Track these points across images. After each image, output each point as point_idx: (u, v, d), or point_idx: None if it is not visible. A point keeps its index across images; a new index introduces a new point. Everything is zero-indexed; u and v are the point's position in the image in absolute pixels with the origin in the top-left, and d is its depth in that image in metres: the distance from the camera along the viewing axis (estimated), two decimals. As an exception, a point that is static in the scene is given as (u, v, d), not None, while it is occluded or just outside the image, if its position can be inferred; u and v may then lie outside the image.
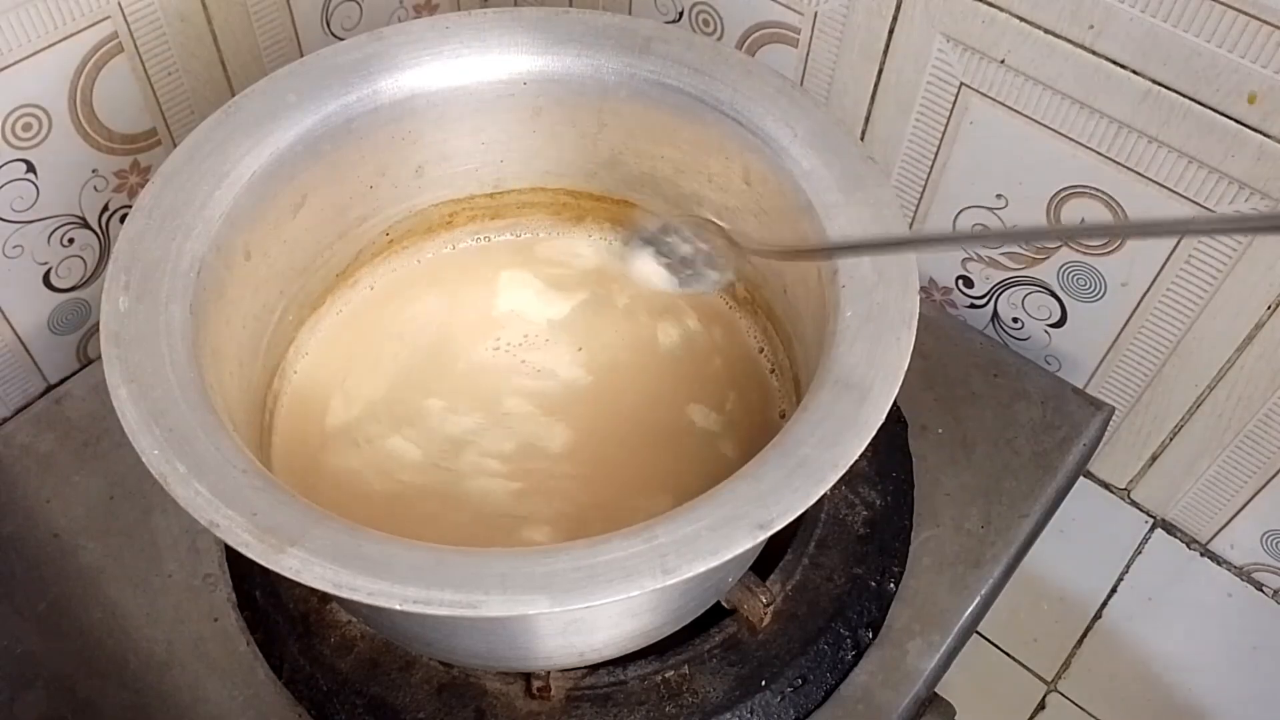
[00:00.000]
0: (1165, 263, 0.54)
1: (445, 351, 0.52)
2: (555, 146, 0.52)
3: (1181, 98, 0.48)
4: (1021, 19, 0.51)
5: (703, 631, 0.49)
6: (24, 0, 0.49)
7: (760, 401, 0.51)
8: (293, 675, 0.48)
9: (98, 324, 0.38)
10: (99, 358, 0.38)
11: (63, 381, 0.59)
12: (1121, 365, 0.60)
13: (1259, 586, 0.64)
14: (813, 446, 0.36)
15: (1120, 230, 0.40)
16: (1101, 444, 0.61)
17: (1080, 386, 0.60)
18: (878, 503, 0.53)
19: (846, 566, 0.51)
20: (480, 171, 0.53)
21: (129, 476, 0.54)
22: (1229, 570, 0.65)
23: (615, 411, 0.50)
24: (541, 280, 0.55)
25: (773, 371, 0.51)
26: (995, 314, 0.64)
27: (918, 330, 0.39)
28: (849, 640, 0.50)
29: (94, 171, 0.56)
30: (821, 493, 0.35)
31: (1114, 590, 0.66)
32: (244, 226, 0.44)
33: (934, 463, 0.56)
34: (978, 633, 0.64)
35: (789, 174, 0.45)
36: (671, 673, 0.48)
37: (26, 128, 0.52)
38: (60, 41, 0.51)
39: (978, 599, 0.51)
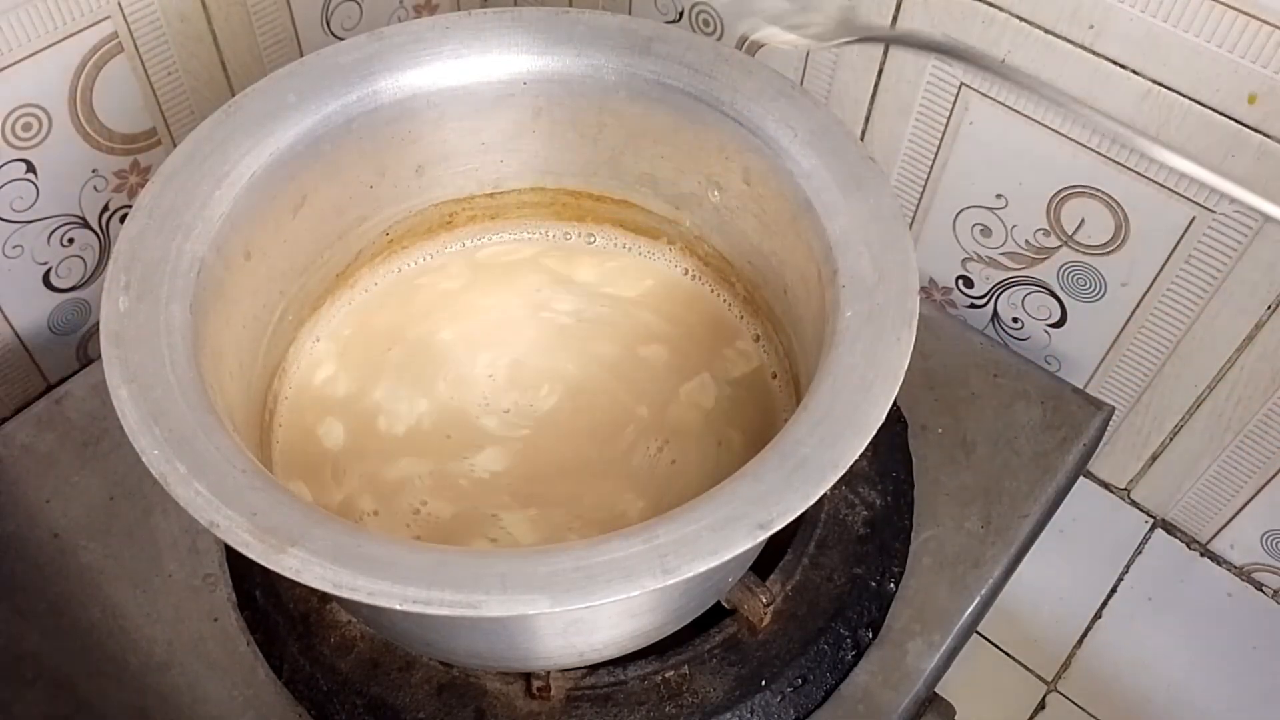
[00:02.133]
0: (1165, 263, 0.54)
1: (446, 351, 0.52)
2: (555, 146, 0.52)
3: (1181, 98, 0.48)
4: (1021, 19, 0.51)
5: (703, 631, 0.49)
6: (24, 0, 0.49)
7: (760, 401, 0.51)
8: (293, 675, 0.48)
9: (98, 324, 0.39)
10: (99, 358, 0.38)
11: (63, 381, 0.59)
12: (1121, 365, 0.60)
13: (1259, 586, 0.64)
14: (813, 446, 0.36)
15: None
16: (1101, 444, 0.61)
17: (1080, 386, 0.60)
18: (878, 503, 0.53)
19: (846, 566, 0.51)
20: (480, 171, 0.53)
21: (129, 476, 0.54)
22: (1229, 570, 0.65)
23: (615, 411, 0.50)
24: (542, 280, 0.55)
25: (773, 374, 0.51)
26: (995, 314, 0.64)
27: (918, 330, 0.39)
28: (849, 640, 0.50)
29: (94, 171, 0.56)
30: (821, 493, 0.35)
31: (1114, 590, 0.66)
32: (244, 226, 0.44)
33: (934, 463, 0.56)
34: (978, 633, 0.64)
35: (789, 174, 0.45)
36: (671, 673, 0.48)
37: (26, 128, 0.52)
38: (60, 41, 0.51)
39: (978, 599, 0.51)
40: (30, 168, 0.53)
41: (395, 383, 0.51)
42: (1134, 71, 0.49)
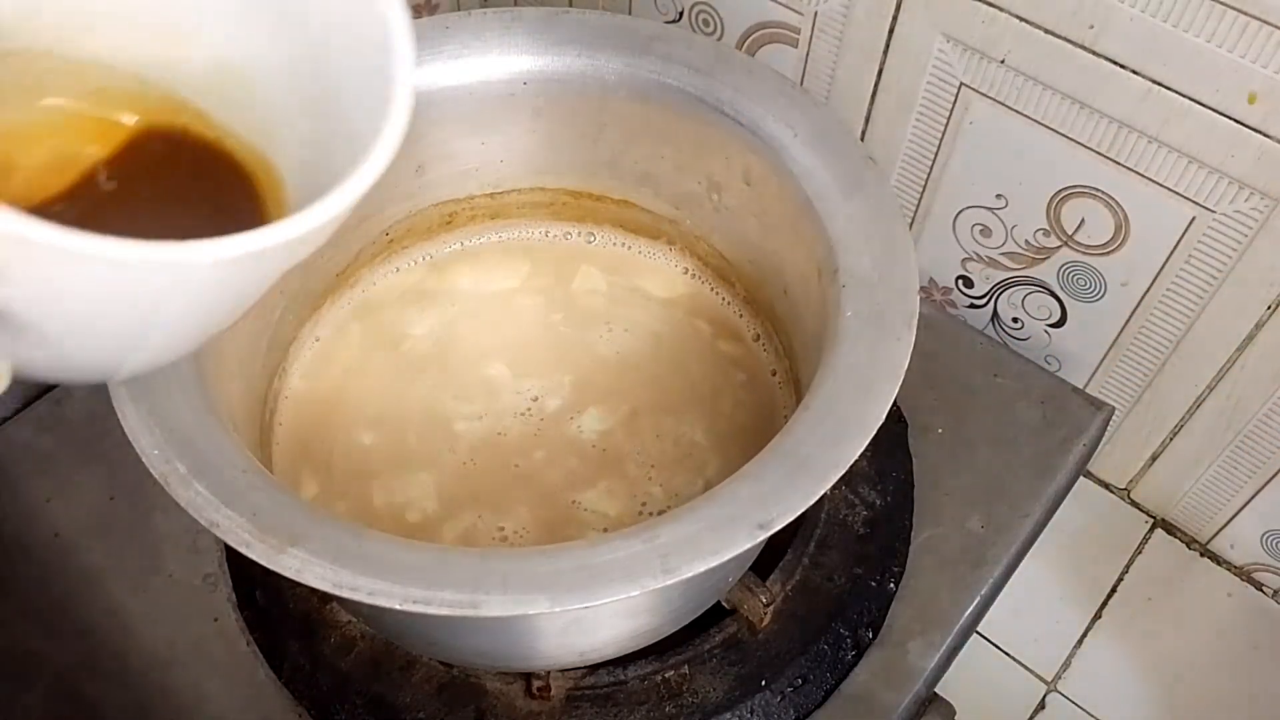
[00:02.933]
0: (1165, 262, 0.54)
1: (445, 350, 0.52)
2: (555, 146, 0.52)
3: (1181, 98, 0.48)
4: (1022, 19, 0.51)
5: (703, 631, 0.49)
6: (24, 0, 0.49)
7: (760, 401, 0.51)
8: (293, 675, 0.48)
9: (98, 324, 0.38)
10: (99, 358, 0.38)
11: (63, 381, 0.59)
12: (1122, 365, 0.60)
13: (1259, 586, 0.64)
14: (813, 446, 0.36)
15: None
16: (1102, 444, 0.61)
17: (1080, 386, 0.60)
18: (878, 502, 0.53)
19: (847, 566, 0.51)
20: (480, 171, 0.53)
21: (129, 476, 0.54)
22: (1229, 570, 0.65)
23: (612, 409, 0.50)
24: (541, 279, 0.55)
25: (773, 372, 0.51)
26: (995, 314, 0.64)
27: (918, 330, 0.39)
28: (849, 640, 0.50)
29: (94, 171, 0.56)
30: (822, 492, 0.35)
31: (1114, 590, 0.66)
32: (244, 226, 0.44)
33: (934, 462, 0.56)
34: (978, 632, 0.64)
35: (789, 174, 0.45)
36: (671, 672, 0.48)
37: (27, 128, 0.52)
38: (60, 41, 0.51)
39: (978, 599, 0.51)
40: (30, 168, 0.53)
41: (397, 378, 0.51)
42: (1134, 71, 0.49)
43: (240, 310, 0.30)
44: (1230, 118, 0.48)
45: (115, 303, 0.24)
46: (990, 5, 0.51)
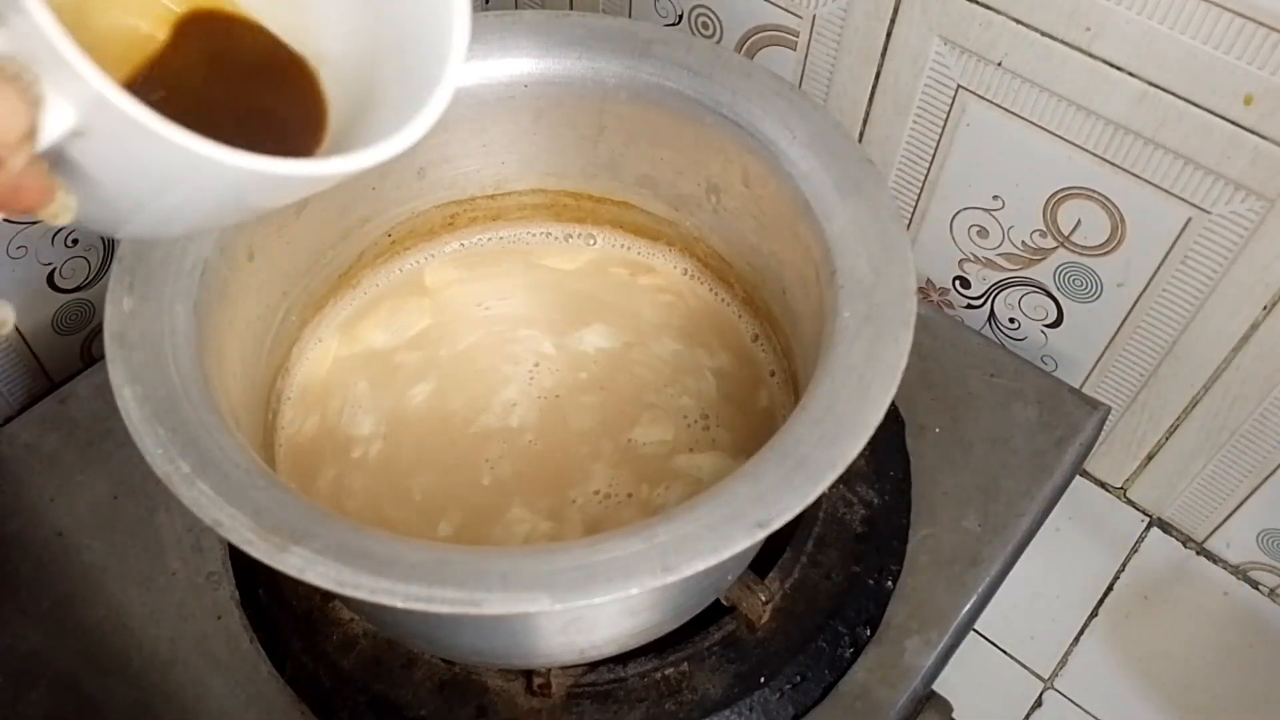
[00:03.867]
0: (1161, 263, 0.54)
1: (447, 351, 0.52)
2: (556, 148, 0.52)
3: (1178, 99, 0.49)
4: (1018, 21, 0.51)
5: (702, 629, 0.49)
6: (28, 3, 0.49)
7: (759, 401, 0.51)
8: (296, 673, 0.49)
9: (102, 324, 0.39)
10: (103, 358, 0.38)
11: (67, 381, 0.59)
12: (1118, 365, 0.61)
13: (1255, 585, 0.65)
14: (811, 446, 0.36)
15: None
16: (1098, 443, 0.61)
17: (1076, 386, 0.61)
18: (876, 501, 0.54)
19: (845, 564, 0.52)
20: (481, 173, 0.53)
21: (132, 476, 0.55)
22: (1225, 569, 0.65)
23: (611, 408, 0.50)
24: (542, 280, 0.55)
25: (772, 372, 0.52)
26: (992, 314, 0.64)
27: (915, 331, 0.39)
28: (847, 638, 0.50)
29: (97, 172, 0.57)
30: (820, 492, 0.35)
31: (1110, 589, 0.66)
32: (247, 227, 0.44)
33: (931, 462, 0.56)
34: (975, 630, 0.64)
35: (788, 176, 0.45)
36: (671, 670, 0.48)
37: (30, 129, 0.52)
38: (64, 43, 0.52)
39: (975, 597, 0.52)
40: (34, 169, 0.53)
41: (399, 379, 0.51)
42: (1130, 73, 0.49)
43: (238, 217, 0.34)
44: (1226, 119, 0.48)
45: (157, 177, 0.27)
46: (987, 8, 0.52)
